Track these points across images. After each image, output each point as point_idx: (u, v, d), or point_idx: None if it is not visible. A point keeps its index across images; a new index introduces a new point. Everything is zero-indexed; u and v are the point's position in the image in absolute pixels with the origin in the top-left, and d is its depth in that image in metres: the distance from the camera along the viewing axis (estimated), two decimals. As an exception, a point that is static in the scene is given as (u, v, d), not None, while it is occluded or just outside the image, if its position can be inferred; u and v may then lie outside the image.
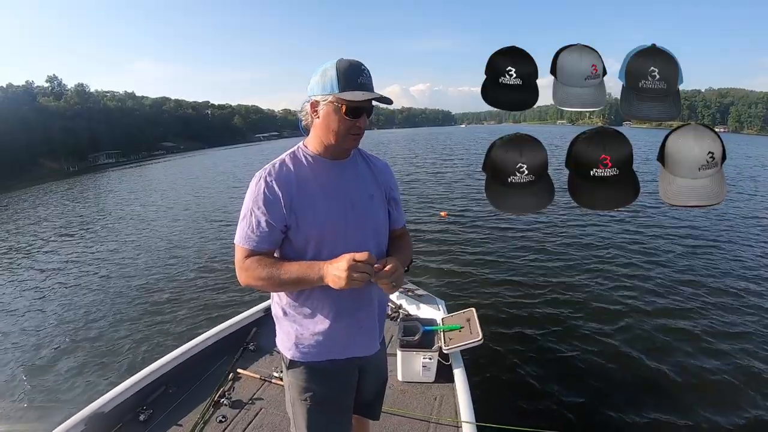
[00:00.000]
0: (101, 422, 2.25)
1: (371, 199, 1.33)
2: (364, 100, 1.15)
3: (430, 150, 32.16)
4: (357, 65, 1.16)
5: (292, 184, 1.22)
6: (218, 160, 41.10)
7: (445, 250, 7.13)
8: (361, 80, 1.15)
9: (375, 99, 1.18)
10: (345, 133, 1.19)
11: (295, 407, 1.40)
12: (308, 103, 1.22)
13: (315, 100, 1.20)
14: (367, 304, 1.34)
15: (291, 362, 1.35)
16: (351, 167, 1.33)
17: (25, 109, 57.49)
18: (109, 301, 5.94)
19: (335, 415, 1.41)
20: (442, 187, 14.25)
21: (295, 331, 1.32)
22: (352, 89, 1.13)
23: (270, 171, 1.23)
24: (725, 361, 3.70)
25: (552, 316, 4.64)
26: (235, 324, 3.20)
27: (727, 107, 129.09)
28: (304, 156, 1.28)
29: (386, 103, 1.22)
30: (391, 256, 1.25)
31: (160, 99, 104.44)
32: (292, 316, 1.32)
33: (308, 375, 1.34)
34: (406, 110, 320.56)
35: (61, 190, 25.52)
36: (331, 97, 1.15)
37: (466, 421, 2.19)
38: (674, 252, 6.76)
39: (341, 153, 1.29)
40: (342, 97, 1.13)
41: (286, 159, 1.27)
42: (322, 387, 1.35)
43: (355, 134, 1.21)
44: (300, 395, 1.36)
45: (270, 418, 2.38)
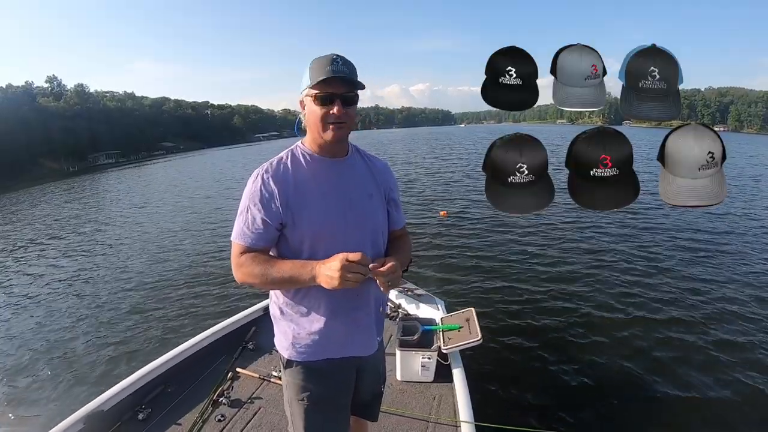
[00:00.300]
0: (100, 421, 2.25)
1: (370, 199, 1.33)
2: (333, 86, 1.15)
3: (430, 150, 32.12)
4: (328, 56, 1.17)
5: (289, 182, 1.22)
6: (217, 161, 41.07)
7: (445, 250, 7.13)
8: (330, 68, 1.14)
9: (344, 78, 1.15)
10: (322, 122, 1.19)
11: (292, 407, 1.40)
12: (300, 104, 1.25)
13: (301, 99, 1.23)
14: (364, 303, 1.34)
15: (288, 362, 1.35)
16: (350, 166, 1.33)
17: (25, 109, 57.45)
18: (106, 302, 5.93)
19: (332, 415, 1.41)
20: (441, 186, 14.24)
21: (291, 330, 1.32)
22: (321, 76, 1.14)
23: (267, 169, 1.24)
24: (727, 361, 3.70)
25: (551, 316, 4.63)
26: (234, 323, 3.20)
27: (726, 106, 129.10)
28: (302, 154, 1.28)
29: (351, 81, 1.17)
30: (390, 256, 1.25)
31: (160, 99, 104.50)
32: (288, 315, 1.32)
33: (305, 374, 1.34)
34: (405, 110, 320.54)
35: (57, 191, 25.47)
36: (307, 90, 1.18)
37: (465, 421, 2.19)
38: (674, 252, 6.76)
39: (333, 148, 1.28)
40: (311, 85, 1.16)
41: (284, 157, 1.28)
42: (318, 386, 1.35)
43: (332, 123, 1.18)
44: (297, 395, 1.36)
45: (269, 417, 2.38)
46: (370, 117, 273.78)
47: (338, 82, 1.15)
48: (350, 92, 1.18)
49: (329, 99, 1.16)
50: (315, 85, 1.15)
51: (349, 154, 1.34)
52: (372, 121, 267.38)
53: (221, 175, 24.95)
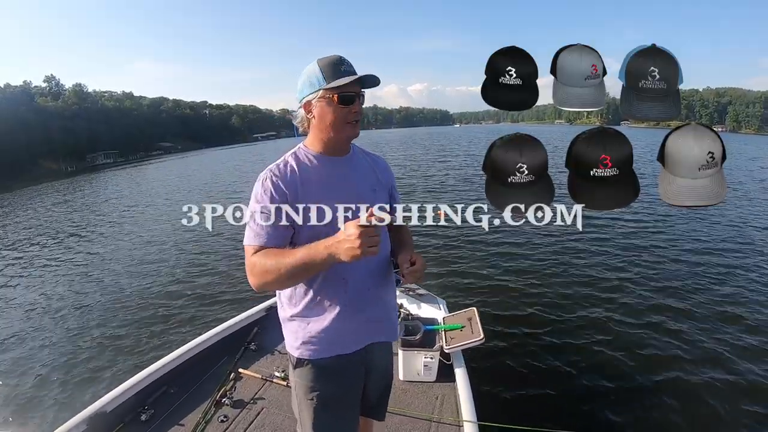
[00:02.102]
0: (103, 422, 2.25)
1: (374, 193, 1.36)
2: (353, 86, 1.18)
3: (426, 151, 32.06)
4: (336, 56, 1.20)
5: (296, 180, 1.24)
6: (214, 161, 40.95)
7: (447, 250, 7.14)
8: (344, 68, 1.17)
9: (363, 78, 1.20)
10: (342, 122, 1.21)
11: (301, 407, 1.40)
12: (301, 107, 1.25)
13: (307, 101, 1.22)
14: (376, 296, 1.36)
15: (298, 360, 1.35)
16: (353, 162, 1.36)
17: (23, 109, 57.31)
18: (107, 303, 5.92)
19: (342, 413, 1.42)
20: (440, 186, 14.25)
21: (302, 329, 1.33)
22: (338, 77, 1.16)
23: (273, 170, 1.25)
24: (728, 363, 3.70)
25: (553, 315, 4.64)
26: (237, 324, 3.19)
27: (725, 107, 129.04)
28: (305, 155, 1.30)
29: (374, 84, 1.24)
30: (409, 251, 1.34)
31: (158, 99, 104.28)
32: (297, 315, 1.33)
33: (315, 373, 1.35)
34: (404, 110, 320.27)
35: (52, 191, 25.34)
36: (321, 91, 1.18)
37: (468, 421, 2.19)
38: (674, 252, 6.77)
39: (342, 146, 1.31)
40: (331, 86, 1.16)
41: (288, 158, 1.29)
42: (328, 385, 1.36)
43: (352, 121, 1.23)
44: (306, 395, 1.37)
45: (271, 418, 2.38)
46: (368, 117, 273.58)
47: (356, 81, 1.18)
48: (363, 92, 1.23)
49: (351, 98, 1.19)
50: (334, 86, 1.16)
51: (350, 151, 1.37)
52: (370, 121, 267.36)
53: (220, 175, 24.90)
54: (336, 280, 1.27)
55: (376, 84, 1.24)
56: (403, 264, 1.25)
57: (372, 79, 1.22)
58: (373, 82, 1.23)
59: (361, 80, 1.20)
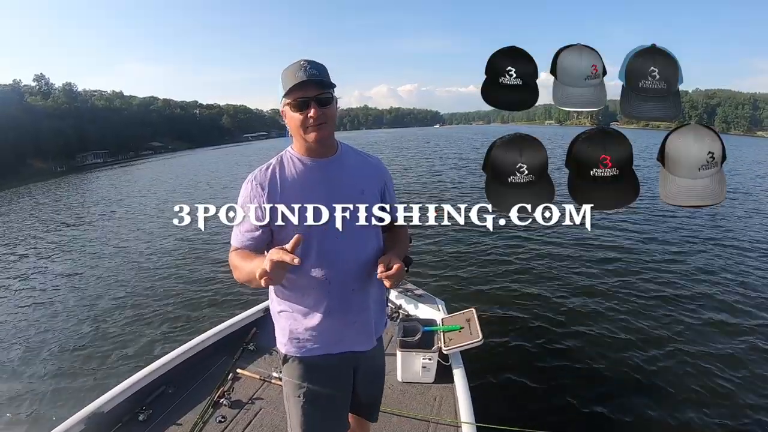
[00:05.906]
0: (100, 422, 2.24)
1: (362, 194, 1.34)
2: (306, 91, 1.17)
3: (419, 152, 32.01)
4: (296, 63, 1.20)
5: (276, 184, 1.26)
6: (203, 162, 40.64)
7: (445, 250, 7.11)
8: (298, 75, 1.17)
9: (313, 82, 1.17)
10: (303, 127, 1.22)
11: (289, 403, 1.42)
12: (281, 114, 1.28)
13: (282, 109, 1.26)
14: (361, 299, 1.36)
15: (285, 357, 1.39)
16: (339, 164, 1.35)
17: (12, 108, 56.38)
18: (105, 303, 5.86)
19: (328, 412, 1.42)
20: (440, 185, 14.25)
21: (290, 326, 1.35)
22: (291, 84, 1.17)
23: (257, 174, 1.29)
24: (731, 365, 3.68)
25: (553, 316, 4.63)
26: (235, 324, 3.18)
27: (714, 108, 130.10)
28: (290, 158, 1.32)
29: (323, 84, 1.19)
30: (393, 254, 1.27)
31: (148, 98, 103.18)
32: (287, 311, 1.35)
33: (302, 370, 1.37)
34: (394, 110, 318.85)
35: (41, 191, 25.07)
36: (283, 100, 1.21)
37: (466, 422, 2.19)
38: (675, 252, 6.80)
39: (318, 149, 1.30)
40: (285, 96, 1.19)
41: (273, 162, 1.32)
42: (315, 383, 1.37)
43: (312, 125, 1.21)
44: (294, 392, 1.38)
45: (270, 418, 2.37)
46: (359, 117, 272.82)
47: (309, 85, 1.17)
48: (323, 93, 1.20)
49: (304, 104, 1.19)
50: (288, 94, 1.18)
51: (337, 152, 1.36)
52: (361, 122, 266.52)
53: (207, 176, 24.73)
54: (319, 281, 1.29)
55: (325, 83, 1.20)
56: (379, 266, 1.21)
57: (315, 76, 1.17)
58: (321, 82, 1.18)
59: (318, 83, 1.18)
